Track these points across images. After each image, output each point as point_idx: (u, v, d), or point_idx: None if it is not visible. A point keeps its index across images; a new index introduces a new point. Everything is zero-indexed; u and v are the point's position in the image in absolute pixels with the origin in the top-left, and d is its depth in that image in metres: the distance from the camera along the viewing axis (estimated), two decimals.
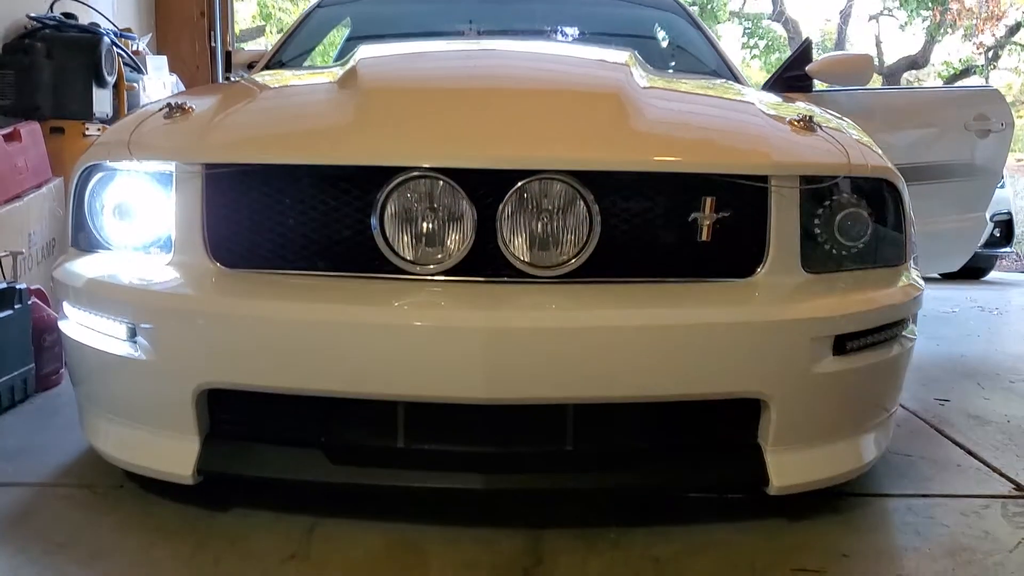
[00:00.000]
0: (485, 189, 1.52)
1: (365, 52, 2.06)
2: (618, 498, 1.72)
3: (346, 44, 3.37)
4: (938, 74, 16.35)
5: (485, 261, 1.54)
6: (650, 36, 3.38)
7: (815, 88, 3.07)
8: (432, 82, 1.93)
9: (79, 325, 1.69)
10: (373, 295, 1.51)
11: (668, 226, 1.59)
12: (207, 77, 5.17)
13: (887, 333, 1.64)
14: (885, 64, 15.86)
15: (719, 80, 2.61)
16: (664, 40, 3.41)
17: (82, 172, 1.71)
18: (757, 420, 1.58)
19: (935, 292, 5.11)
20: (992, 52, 16.16)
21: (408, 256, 1.54)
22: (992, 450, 2.12)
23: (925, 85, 15.64)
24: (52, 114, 3.40)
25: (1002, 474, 1.95)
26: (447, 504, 1.66)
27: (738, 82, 2.71)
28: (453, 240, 1.53)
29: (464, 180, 1.51)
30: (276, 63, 2.99)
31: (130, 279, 1.61)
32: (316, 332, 1.47)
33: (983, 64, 16.13)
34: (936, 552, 1.55)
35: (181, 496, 1.64)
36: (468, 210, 1.52)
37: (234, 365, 1.51)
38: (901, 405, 2.34)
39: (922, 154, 3.05)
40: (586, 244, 1.53)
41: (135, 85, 3.88)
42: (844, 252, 1.66)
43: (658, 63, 2.71)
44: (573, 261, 1.54)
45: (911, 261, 1.77)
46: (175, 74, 4.54)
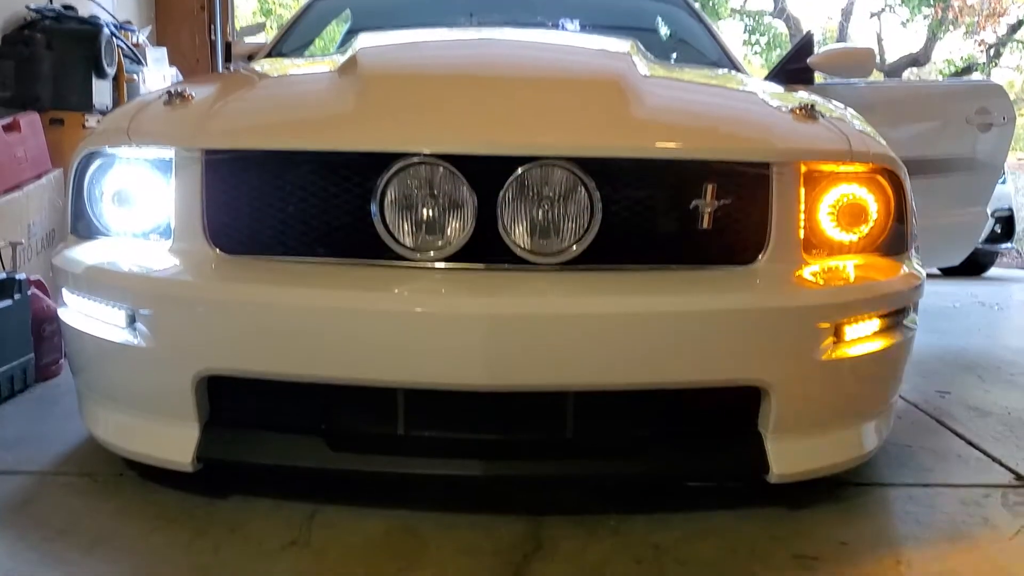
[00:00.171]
0: (486, 176, 1.51)
1: (365, 40, 2.05)
2: (618, 485, 1.71)
3: (346, 36, 3.36)
4: (939, 72, 16.32)
5: (485, 248, 1.53)
6: (651, 28, 3.38)
7: (816, 81, 3.06)
8: (433, 69, 1.93)
9: (78, 312, 1.68)
10: (373, 282, 1.51)
11: (669, 213, 1.58)
12: (207, 70, 5.16)
13: (888, 321, 1.64)
14: (886, 62, 15.83)
15: (721, 70, 2.60)
16: (666, 32, 3.40)
17: (81, 159, 1.70)
18: (757, 408, 1.57)
19: (936, 287, 5.10)
20: (994, 50, 16.14)
21: (408, 243, 1.54)
22: (992, 441, 2.12)
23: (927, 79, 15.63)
24: (52, 105, 3.41)
25: (1002, 464, 1.95)
26: (447, 491, 1.66)
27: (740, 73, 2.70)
28: (453, 227, 1.53)
29: (464, 166, 1.51)
30: (276, 54, 2.98)
31: (129, 265, 1.60)
32: (316, 319, 1.46)
33: (985, 62, 16.11)
34: (936, 540, 1.55)
35: (181, 484, 1.64)
36: (468, 197, 1.51)
37: (234, 352, 1.51)
38: (902, 397, 2.34)
39: (923, 147, 3.03)
40: (587, 231, 1.53)
41: (135, 77, 3.89)
42: (845, 240, 1.66)
43: (660, 55, 2.70)
44: (574, 248, 1.54)
45: (912, 250, 1.76)
46: (175, 67, 4.53)
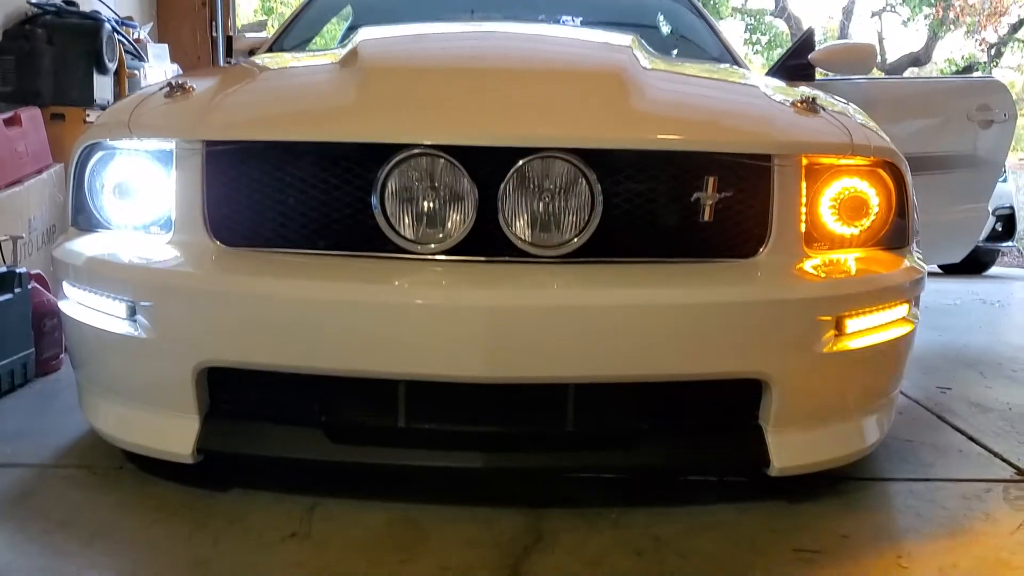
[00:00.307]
0: (486, 168, 1.51)
1: (366, 33, 2.05)
2: (619, 478, 1.71)
3: (347, 32, 3.36)
4: (940, 71, 16.32)
5: (486, 240, 1.53)
6: (653, 25, 3.37)
7: (817, 77, 3.06)
8: (434, 61, 1.93)
9: (79, 304, 1.68)
10: (374, 274, 1.51)
11: (670, 206, 1.58)
12: (208, 66, 5.16)
13: (889, 315, 1.64)
14: (887, 61, 15.83)
15: (723, 65, 2.60)
16: (667, 28, 3.40)
17: (82, 151, 1.70)
18: (758, 401, 1.57)
19: (937, 285, 5.10)
20: (995, 49, 16.13)
21: (408, 235, 1.53)
22: (994, 436, 2.12)
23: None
24: (53, 100, 3.40)
25: (1004, 459, 1.95)
26: (448, 483, 1.66)
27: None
28: (454, 219, 1.52)
29: (465, 158, 1.50)
30: (277, 50, 2.97)
31: (130, 258, 1.60)
32: (316, 311, 1.46)
33: (986, 61, 16.10)
34: (937, 533, 1.55)
35: (181, 476, 1.64)
36: (469, 189, 1.51)
37: (234, 343, 1.51)
38: (903, 393, 2.34)
39: (924, 144, 3.03)
40: (588, 223, 1.53)
41: (136, 72, 3.89)
42: (846, 233, 1.66)
43: (661, 50, 2.70)
44: (575, 241, 1.53)
45: (914, 243, 1.76)
46: (176, 63, 4.53)
